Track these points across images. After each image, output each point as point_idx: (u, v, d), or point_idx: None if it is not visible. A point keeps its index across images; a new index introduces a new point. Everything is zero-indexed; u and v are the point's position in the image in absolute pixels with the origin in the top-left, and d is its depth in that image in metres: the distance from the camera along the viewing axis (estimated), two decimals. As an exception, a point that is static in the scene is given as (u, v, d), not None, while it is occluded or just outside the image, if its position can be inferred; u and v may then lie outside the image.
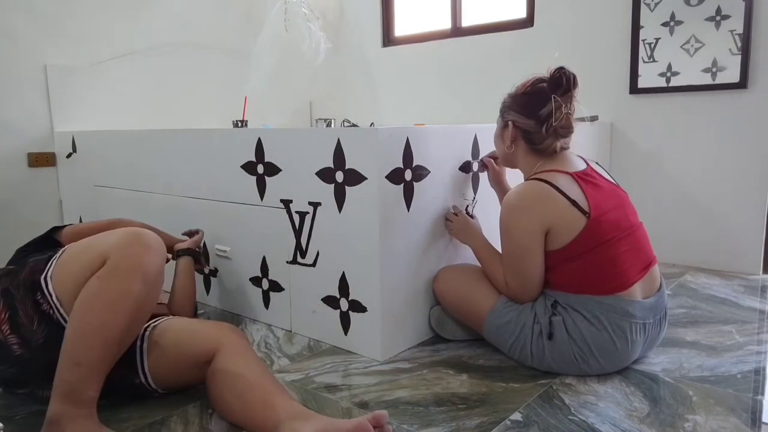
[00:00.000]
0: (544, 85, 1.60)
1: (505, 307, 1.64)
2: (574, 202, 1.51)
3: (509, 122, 1.66)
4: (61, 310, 1.30)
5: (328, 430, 1.16)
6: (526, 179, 1.66)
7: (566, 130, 1.61)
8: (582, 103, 1.61)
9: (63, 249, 1.39)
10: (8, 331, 1.33)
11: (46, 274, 1.33)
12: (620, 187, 1.68)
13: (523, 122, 1.63)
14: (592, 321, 1.51)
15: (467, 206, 1.91)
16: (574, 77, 1.57)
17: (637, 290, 1.55)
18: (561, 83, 1.56)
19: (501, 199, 1.96)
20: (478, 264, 1.80)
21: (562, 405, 1.42)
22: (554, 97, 1.56)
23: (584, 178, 1.58)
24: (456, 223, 1.83)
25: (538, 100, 1.59)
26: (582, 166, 1.64)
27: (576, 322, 1.52)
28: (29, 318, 1.32)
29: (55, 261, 1.35)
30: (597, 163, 1.72)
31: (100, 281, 1.24)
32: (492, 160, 1.95)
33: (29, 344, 1.33)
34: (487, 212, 2.01)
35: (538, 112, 1.59)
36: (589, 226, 1.51)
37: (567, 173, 1.57)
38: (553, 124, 1.57)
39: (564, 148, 1.64)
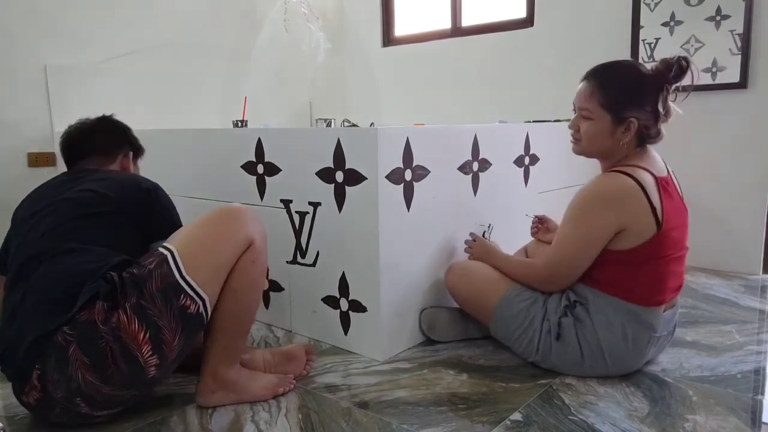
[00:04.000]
0: (657, 74, 1.50)
1: (516, 296, 1.62)
2: (654, 209, 1.46)
3: (631, 120, 1.50)
4: (207, 303, 1.30)
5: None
6: (605, 170, 1.58)
7: (670, 116, 1.54)
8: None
9: (168, 247, 1.31)
10: (150, 353, 1.23)
11: (181, 273, 1.27)
12: (685, 204, 1.61)
13: (644, 117, 1.50)
14: (614, 328, 1.50)
15: (483, 233, 1.92)
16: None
17: (663, 306, 1.54)
18: (683, 73, 1.48)
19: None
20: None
21: (562, 405, 1.42)
22: (667, 87, 1.50)
23: (665, 186, 1.51)
24: (476, 248, 1.82)
25: (653, 90, 1.50)
26: (664, 171, 1.57)
27: (596, 324, 1.51)
28: (173, 331, 1.25)
29: (177, 260, 1.28)
30: (673, 172, 1.64)
31: (255, 264, 1.39)
32: (539, 224, 1.94)
33: (165, 363, 1.27)
34: (485, 213, 2.02)
35: (656, 105, 1.50)
36: (657, 238, 1.47)
37: (652, 174, 1.51)
38: (663, 112, 1.51)
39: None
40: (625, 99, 1.51)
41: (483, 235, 1.90)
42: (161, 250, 1.31)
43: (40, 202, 1.48)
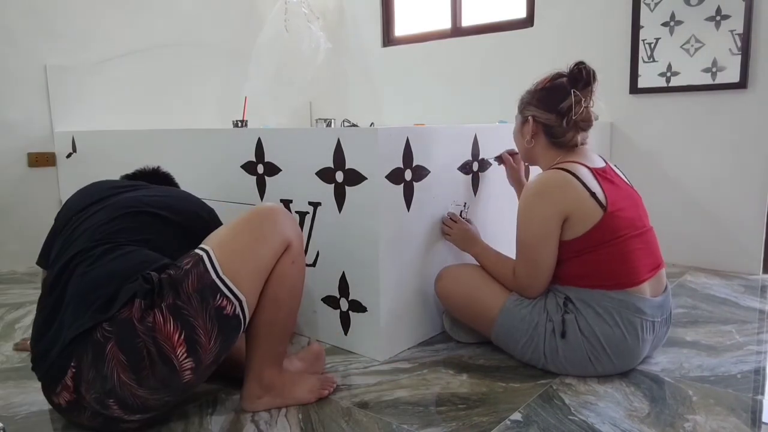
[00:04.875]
0: (564, 79, 1.62)
1: (516, 305, 1.62)
2: (592, 194, 1.52)
3: (529, 117, 1.67)
4: (245, 304, 1.26)
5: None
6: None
7: (586, 124, 1.62)
8: (600, 99, 1.63)
9: (204, 248, 1.29)
10: (184, 355, 1.20)
11: (217, 273, 1.25)
12: (635, 190, 1.68)
13: (543, 117, 1.64)
14: (604, 317, 1.51)
15: (461, 212, 1.89)
16: (594, 72, 1.60)
17: (646, 288, 1.55)
18: (581, 78, 1.59)
19: (519, 194, 1.96)
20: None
21: (562, 405, 1.42)
22: (574, 92, 1.58)
23: (602, 175, 1.59)
24: (456, 231, 1.82)
25: (557, 94, 1.61)
26: (601, 164, 1.65)
27: (588, 319, 1.52)
28: (207, 334, 1.21)
29: (213, 260, 1.26)
30: (616, 165, 1.72)
31: (294, 265, 1.38)
32: (510, 157, 1.97)
33: (200, 367, 1.23)
34: (485, 213, 2.02)
35: (558, 106, 1.60)
36: (605, 220, 1.51)
37: (586, 166, 1.58)
38: (574, 118, 1.59)
39: (583, 143, 1.65)
40: (527, 98, 1.69)
41: (460, 215, 1.87)
42: (197, 250, 1.29)
43: (95, 196, 1.49)
